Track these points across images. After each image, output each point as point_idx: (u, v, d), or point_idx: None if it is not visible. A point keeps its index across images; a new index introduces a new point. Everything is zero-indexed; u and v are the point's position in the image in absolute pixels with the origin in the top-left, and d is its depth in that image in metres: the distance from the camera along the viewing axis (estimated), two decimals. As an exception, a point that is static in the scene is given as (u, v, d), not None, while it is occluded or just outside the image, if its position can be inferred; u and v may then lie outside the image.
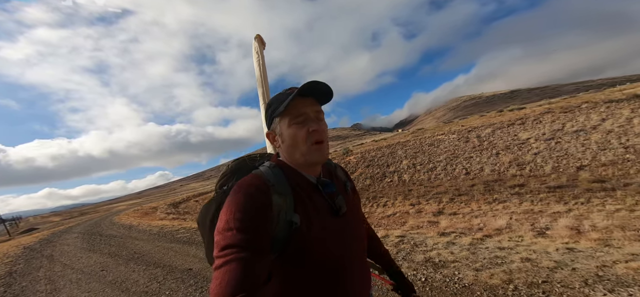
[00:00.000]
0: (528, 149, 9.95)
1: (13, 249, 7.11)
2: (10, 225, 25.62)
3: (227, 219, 0.52)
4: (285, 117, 0.62)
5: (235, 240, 0.49)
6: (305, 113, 0.61)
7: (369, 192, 11.56)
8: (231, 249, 0.48)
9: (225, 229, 0.51)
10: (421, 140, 17.30)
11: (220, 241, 0.50)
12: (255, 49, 1.40)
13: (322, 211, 0.62)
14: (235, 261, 0.47)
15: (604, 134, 8.63)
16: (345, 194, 0.72)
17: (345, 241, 0.64)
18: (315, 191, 0.64)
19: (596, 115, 10.30)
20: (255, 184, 0.56)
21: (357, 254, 0.67)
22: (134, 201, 58.25)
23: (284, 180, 0.61)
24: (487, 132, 13.76)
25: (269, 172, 0.61)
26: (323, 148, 0.62)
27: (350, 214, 0.68)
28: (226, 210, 0.53)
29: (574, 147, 8.69)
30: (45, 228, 16.42)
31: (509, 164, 9.55)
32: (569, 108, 12.49)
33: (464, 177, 10.23)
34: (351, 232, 0.67)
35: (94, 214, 26.29)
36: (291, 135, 0.61)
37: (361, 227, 0.73)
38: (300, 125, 0.61)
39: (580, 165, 7.57)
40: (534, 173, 8.18)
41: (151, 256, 4.16)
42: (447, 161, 12.14)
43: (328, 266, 0.60)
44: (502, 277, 2.13)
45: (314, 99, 0.63)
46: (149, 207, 21.29)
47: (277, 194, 0.57)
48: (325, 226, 0.61)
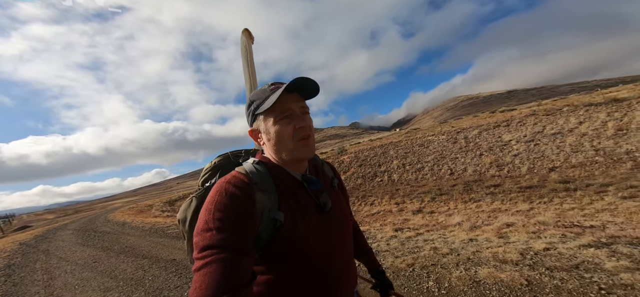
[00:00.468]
0: (509, 151, 10.37)
1: (9, 245, 7.38)
2: (4, 222, 25.60)
3: (206, 219, 0.50)
4: (270, 114, 0.60)
5: (215, 240, 0.47)
6: (290, 109, 0.60)
7: (359, 191, 11.94)
8: (211, 250, 0.47)
9: (204, 229, 0.49)
10: (413, 140, 17.65)
11: (200, 242, 0.49)
12: (243, 43, 1.39)
13: (307, 208, 0.61)
14: (215, 262, 0.45)
15: (579, 137, 9.07)
16: (332, 190, 0.71)
17: (331, 238, 0.63)
18: (301, 188, 0.63)
19: (575, 118, 10.75)
20: (236, 182, 0.55)
21: (343, 251, 0.67)
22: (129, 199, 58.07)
23: (269, 177, 0.60)
24: (474, 134, 14.16)
25: (253, 169, 0.60)
26: (309, 143, 0.61)
27: (336, 211, 0.67)
28: (205, 209, 0.52)
29: (550, 149, 9.12)
30: (39, 226, 16.60)
31: (490, 165, 9.95)
32: (552, 111, 12.94)
33: (448, 177, 10.62)
34: (337, 229, 0.66)
35: (89, 212, 26.38)
36: (277, 133, 0.59)
37: (347, 224, 0.71)
38: (286, 122, 0.59)
39: (553, 166, 8.00)
40: (511, 174, 8.61)
41: (141, 249, 4.52)
42: (435, 161, 12.51)
43: (313, 264, 0.59)
44: (409, 261, 2.60)
45: (299, 95, 0.62)
46: (144, 204, 21.41)
47: (260, 192, 0.56)
48: (310, 224, 0.60)
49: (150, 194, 57.08)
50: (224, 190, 0.53)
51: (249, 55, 1.37)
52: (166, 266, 3.39)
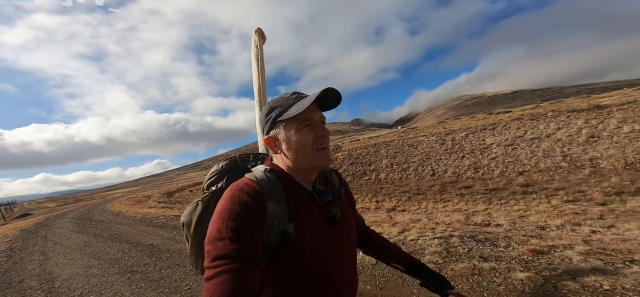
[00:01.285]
0: (488, 154, 10.74)
1: (11, 231, 8.04)
2: (5, 210, 26.42)
3: (219, 228, 0.50)
4: (292, 122, 0.60)
5: (228, 250, 0.48)
6: (312, 118, 0.61)
7: (345, 189, 12.44)
8: (223, 260, 0.48)
9: (217, 238, 0.50)
10: (404, 140, 17.96)
11: (212, 251, 0.49)
12: (255, 42, 1.36)
13: (316, 219, 0.62)
14: (227, 272, 0.46)
15: (553, 143, 9.42)
16: (340, 200, 0.72)
17: (337, 249, 0.64)
18: (311, 199, 0.64)
19: (555, 124, 11.06)
20: (249, 191, 0.55)
21: (348, 261, 0.68)
22: (130, 189, 59.05)
23: (279, 186, 0.60)
24: (461, 136, 14.48)
25: (264, 177, 0.60)
26: (327, 153, 0.63)
27: (343, 221, 0.68)
28: (218, 217, 0.52)
29: (524, 153, 9.49)
30: (39, 213, 17.37)
31: (468, 167, 10.35)
32: (537, 115, 13.23)
33: (429, 177, 11.04)
34: (343, 240, 0.67)
35: (89, 201, 27.18)
36: (298, 141, 0.60)
37: (353, 234, 0.72)
38: (307, 130, 0.60)
39: (522, 170, 8.40)
40: (484, 176, 9.02)
41: (126, 236, 5.11)
42: (420, 162, 12.88)
43: (319, 274, 0.59)
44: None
45: (317, 105, 0.63)
46: (142, 195, 21.97)
47: (271, 201, 0.56)
48: (319, 235, 0.60)
49: (151, 185, 57.97)
50: (237, 198, 0.53)
51: (259, 54, 1.34)
52: (143, 249, 3.97)
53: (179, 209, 10.42)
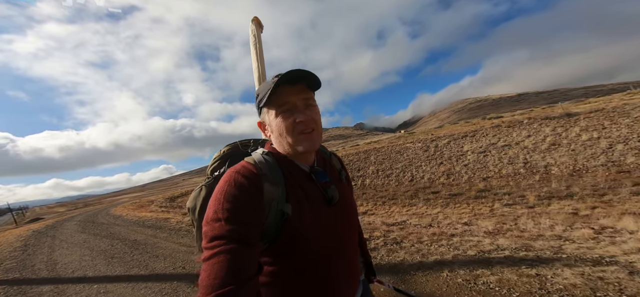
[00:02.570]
0: (462, 161, 11.35)
1: (25, 232, 9.26)
2: (17, 214, 27.74)
3: (215, 209, 0.51)
4: (271, 107, 0.60)
5: (224, 231, 0.48)
6: (290, 102, 0.59)
7: (329, 194, 13.16)
8: (219, 241, 0.48)
9: (213, 219, 0.50)
10: (393, 147, 18.60)
11: (209, 232, 0.50)
12: (252, 31, 1.36)
13: (314, 201, 0.61)
14: (224, 253, 0.47)
15: (520, 150, 10.00)
16: (340, 183, 0.71)
17: (337, 231, 0.63)
18: (308, 180, 0.63)
19: (526, 131, 11.62)
20: (245, 173, 0.55)
21: (348, 243, 0.67)
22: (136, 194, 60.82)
23: (277, 168, 0.60)
24: (444, 143, 15.08)
25: (262, 160, 0.60)
26: (313, 137, 0.61)
27: (344, 203, 0.67)
28: (215, 199, 0.52)
29: (492, 160, 10.09)
30: (50, 218, 18.71)
31: (442, 174, 10.97)
32: (514, 123, 13.77)
33: (407, 183, 11.68)
34: (343, 222, 0.66)
35: (97, 206, 28.60)
36: (278, 125, 0.60)
37: (354, 217, 0.73)
38: (286, 114, 0.59)
39: (486, 176, 9.01)
40: (453, 182, 9.65)
41: (120, 234, 6.11)
42: (403, 168, 13.51)
43: (319, 256, 0.59)
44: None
45: (304, 86, 0.61)
46: (146, 200, 22.91)
47: (269, 183, 0.56)
48: (318, 216, 0.60)
49: (157, 190, 59.58)
50: (233, 180, 0.53)
51: (258, 43, 1.33)
52: (128, 243, 4.98)
53: (175, 213, 11.34)
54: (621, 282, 1.86)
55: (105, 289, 2.75)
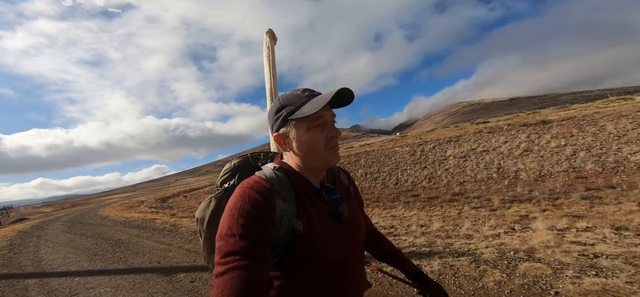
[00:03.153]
0: (444, 165, 11.82)
1: (10, 232, 9.32)
2: (1, 214, 27.23)
3: (230, 225, 0.52)
4: (303, 121, 0.61)
5: (238, 247, 0.49)
6: (323, 117, 0.61)
7: (317, 195, 13.52)
8: (234, 257, 0.49)
9: (228, 234, 0.51)
10: (382, 151, 18.99)
11: (223, 247, 0.50)
12: (266, 43, 1.39)
13: (324, 217, 0.62)
14: (237, 268, 0.47)
15: (496, 155, 10.54)
16: (348, 199, 0.73)
17: (346, 247, 0.64)
18: (319, 196, 0.65)
19: (503, 137, 12.19)
20: (259, 188, 0.56)
21: (356, 259, 0.68)
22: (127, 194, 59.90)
23: (288, 184, 0.61)
24: (430, 147, 15.56)
25: (273, 175, 0.61)
26: (337, 152, 0.64)
27: (352, 219, 0.69)
28: (229, 214, 0.53)
29: (471, 165, 10.59)
30: (35, 218, 18.51)
31: (425, 178, 11.41)
32: (495, 129, 14.39)
33: (392, 187, 12.08)
34: (351, 238, 0.67)
35: (85, 206, 28.21)
36: (309, 140, 0.60)
37: (361, 233, 0.73)
38: (319, 130, 0.61)
39: (463, 180, 9.49)
40: (433, 186, 10.10)
41: (104, 234, 6.32)
42: (389, 171, 13.91)
43: (327, 272, 0.60)
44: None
45: (329, 104, 0.63)
46: (136, 200, 22.70)
47: (281, 199, 0.57)
48: (327, 232, 0.61)
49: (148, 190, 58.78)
50: (248, 196, 0.54)
51: (271, 55, 1.37)
52: (112, 242, 5.23)
53: (163, 214, 11.47)
54: (461, 267, 2.41)
55: (85, 281, 3.06)
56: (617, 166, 6.85)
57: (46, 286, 3.02)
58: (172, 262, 3.38)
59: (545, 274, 2.08)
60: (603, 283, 1.83)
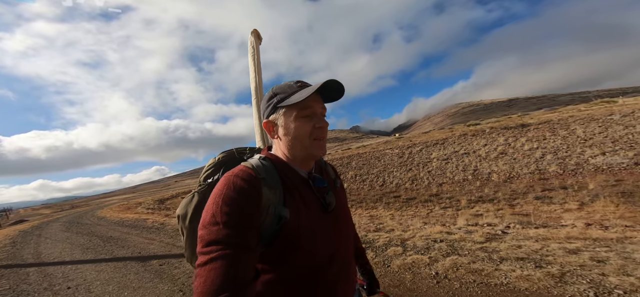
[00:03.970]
0: (427, 167, 12.31)
1: (12, 232, 9.92)
2: (0, 216, 27.74)
3: (213, 213, 0.50)
4: (292, 109, 0.61)
5: (222, 235, 0.48)
6: (313, 108, 0.62)
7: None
8: (217, 245, 0.47)
9: (211, 223, 0.50)
10: (373, 153, 19.46)
11: (205, 236, 0.49)
12: (252, 43, 1.42)
13: (311, 206, 0.62)
14: (221, 258, 0.46)
15: (474, 158, 11.04)
16: (335, 190, 0.73)
17: (334, 238, 0.64)
18: (306, 186, 0.64)
19: (484, 140, 12.70)
20: (244, 176, 0.55)
21: (345, 251, 0.68)
22: (126, 195, 60.30)
23: (275, 173, 0.60)
24: (417, 150, 16.05)
25: (259, 164, 0.60)
26: (323, 144, 0.64)
27: (340, 210, 0.69)
28: (213, 202, 0.52)
29: (451, 167, 11.08)
30: (35, 219, 19.11)
31: (408, 179, 11.90)
32: (479, 132, 14.90)
33: (378, 188, 12.55)
34: (340, 229, 0.67)
35: (84, 208, 28.75)
36: (296, 128, 0.61)
37: (350, 225, 0.74)
38: (306, 120, 0.61)
39: (442, 182, 9.98)
40: (415, 187, 10.59)
41: (99, 232, 6.94)
42: (378, 173, 14.38)
43: (315, 262, 0.59)
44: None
45: (320, 97, 0.64)
46: (135, 202, 23.07)
47: (267, 187, 0.56)
48: (315, 222, 0.61)
49: (148, 192, 59.18)
50: (232, 184, 0.53)
51: (256, 55, 1.39)
52: (103, 239, 5.90)
53: (158, 214, 11.97)
54: (392, 254, 2.93)
55: (76, 268, 3.69)
56: (576, 168, 7.36)
57: (44, 271, 3.64)
58: (150, 252, 4.01)
59: (441, 256, 2.65)
60: (458, 260, 2.46)
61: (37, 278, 3.37)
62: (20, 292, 2.97)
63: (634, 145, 7.41)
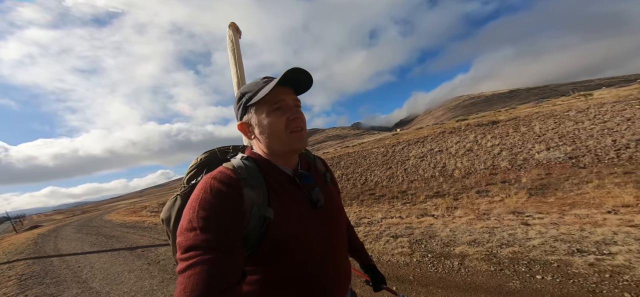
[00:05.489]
0: (404, 165, 13.20)
1: (32, 235, 11.53)
2: (15, 222, 29.41)
3: (190, 218, 0.49)
4: (262, 105, 0.61)
5: (199, 240, 0.47)
6: (283, 100, 0.60)
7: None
8: (195, 251, 0.46)
9: (188, 228, 0.49)
10: (361, 152, 20.34)
11: (183, 242, 0.48)
12: (230, 37, 1.39)
13: (299, 204, 0.61)
14: (199, 264, 0.45)
15: (445, 155, 11.92)
16: (325, 185, 0.71)
17: (324, 234, 0.63)
18: (292, 184, 0.63)
19: (457, 138, 13.54)
20: (222, 178, 0.54)
21: (337, 247, 0.67)
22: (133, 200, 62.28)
23: (258, 172, 0.59)
24: (400, 148, 16.93)
25: (241, 164, 0.59)
26: (303, 136, 0.62)
27: (330, 206, 0.68)
28: (189, 207, 0.51)
29: (424, 165, 11.97)
30: (49, 224, 21.04)
31: (386, 177, 12.81)
32: (455, 129, 15.73)
33: (359, 186, 13.48)
34: (330, 225, 0.66)
35: (94, 212, 30.76)
36: (270, 124, 0.60)
37: (341, 220, 0.72)
38: (278, 113, 0.60)
39: (413, 179, 10.90)
40: (390, 185, 11.51)
41: (104, 232, 8.55)
42: (362, 172, 15.30)
43: (305, 260, 0.58)
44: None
45: (291, 88, 0.63)
46: (140, 206, 24.34)
47: (249, 188, 0.55)
48: (303, 220, 0.60)
49: (153, 195, 61.00)
50: (209, 187, 0.52)
51: (236, 49, 1.37)
52: (106, 237, 7.53)
53: (156, 216, 13.15)
54: None
55: (84, 257, 5.27)
56: (523, 164, 8.26)
57: (62, 259, 5.22)
58: (139, 244, 5.52)
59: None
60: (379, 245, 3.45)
61: (58, 263, 5.00)
62: (49, 271, 4.66)
63: (575, 141, 8.28)
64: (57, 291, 3.67)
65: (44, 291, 3.76)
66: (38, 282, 4.20)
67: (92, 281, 3.87)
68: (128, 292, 3.22)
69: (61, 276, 4.30)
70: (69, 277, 4.17)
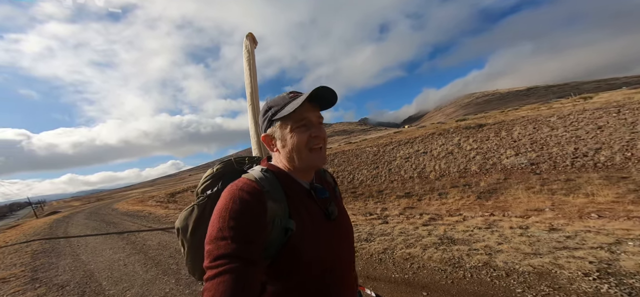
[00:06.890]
0: (388, 166, 13.68)
1: (49, 220, 13.11)
2: (36, 208, 32.17)
3: (220, 227, 0.52)
4: (287, 121, 0.63)
5: (229, 250, 0.49)
6: (307, 118, 0.63)
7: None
8: (224, 260, 0.49)
9: (218, 237, 0.51)
10: (355, 150, 20.82)
11: (213, 251, 0.50)
12: (247, 47, 1.44)
13: (315, 217, 0.64)
14: (228, 272, 0.47)
15: (427, 157, 12.33)
16: (336, 199, 0.75)
17: (338, 246, 0.66)
18: (309, 197, 0.66)
19: (444, 139, 13.85)
20: (249, 190, 0.56)
21: (348, 259, 0.70)
22: (144, 189, 65.62)
23: (278, 185, 0.62)
24: (390, 148, 17.35)
25: (262, 176, 0.62)
26: (323, 153, 0.65)
27: (342, 219, 0.71)
28: (219, 217, 0.53)
29: (406, 166, 12.42)
30: (66, 211, 23.16)
31: (371, 177, 13.33)
32: (444, 131, 15.96)
33: (347, 184, 14.06)
34: (343, 237, 0.69)
35: (107, 200, 33.38)
36: (293, 140, 0.62)
37: (350, 232, 0.74)
38: (302, 130, 0.62)
39: (393, 179, 11.43)
40: (372, 184, 12.08)
41: (107, 219, 9.78)
42: (351, 170, 15.87)
43: (320, 272, 0.61)
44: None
45: (316, 105, 0.65)
46: (149, 195, 25.81)
47: (271, 200, 0.57)
48: (319, 232, 0.62)
49: (164, 185, 63.93)
50: (238, 198, 0.54)
51: (251, 59, 1.44)
52: (107, 223, 8.84)
53: (160, 207, 14.24)
54: None
55: (85, 238, 6.27)
56: (490, 168, 8.67)
57: (68, 240, 6.31)
58: (130, 229, 6.52)
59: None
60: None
61: (64, 243, 6.18)
62: (55, 248, 6.13)
63: (543, 147, 8.58)
64: (56, 260, 5.10)
65: (47, 260, 5.23)
66: (45, 255, 5.73)
67: (82, 255, 5.23)
68: (103, 261, 4.53)
69: (63, 251, 5.73)
70: (67, 252, 5.57)
